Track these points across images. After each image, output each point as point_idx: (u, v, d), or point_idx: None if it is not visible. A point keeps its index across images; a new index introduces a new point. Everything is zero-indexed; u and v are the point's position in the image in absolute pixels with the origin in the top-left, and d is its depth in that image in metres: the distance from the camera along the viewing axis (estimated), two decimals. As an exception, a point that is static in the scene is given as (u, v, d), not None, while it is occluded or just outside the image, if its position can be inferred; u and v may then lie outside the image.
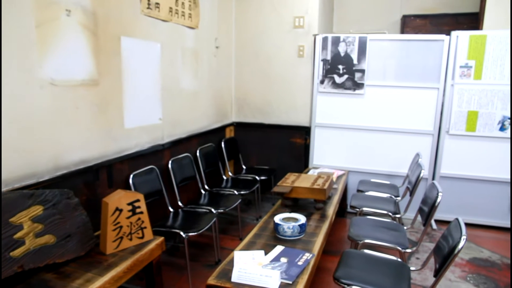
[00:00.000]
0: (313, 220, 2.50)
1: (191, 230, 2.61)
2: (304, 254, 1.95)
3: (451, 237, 1.81)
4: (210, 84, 3.93)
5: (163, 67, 3.07)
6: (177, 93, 3.32)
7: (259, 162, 4.54)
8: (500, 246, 3.46)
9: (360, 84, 3.93)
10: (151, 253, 2.08)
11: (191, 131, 3.60)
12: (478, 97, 3.65)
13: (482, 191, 3.81)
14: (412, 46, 3.78)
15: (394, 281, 1.95)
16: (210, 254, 3.14)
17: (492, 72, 3.58)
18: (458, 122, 3.74)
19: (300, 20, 4.13)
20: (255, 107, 4.48)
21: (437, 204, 2.26)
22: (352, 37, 3.88)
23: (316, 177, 2.93)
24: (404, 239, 2.46)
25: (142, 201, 2.11)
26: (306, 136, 4.29)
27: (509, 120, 3.61)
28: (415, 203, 2.98)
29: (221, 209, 3.03)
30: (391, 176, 3.99)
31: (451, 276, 2.90)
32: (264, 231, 2.29)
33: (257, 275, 1.69)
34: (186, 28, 3.36)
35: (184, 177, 3.29)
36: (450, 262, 1.71)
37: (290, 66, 4.26)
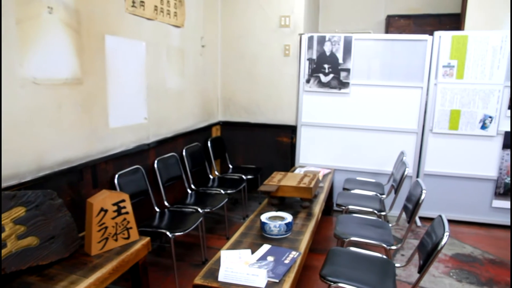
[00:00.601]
0: (299, 218, 2.51)
1: (178, 230, 2.59)
2: (291, 253, 1.96)
3: (434, 234, 1.84)
4: (196, 83, 3.91)
5: (148, 66, 3.04)
6: (162, 92, 3.30)
7: (245, 161, 4.54)
8: (481, 241, 3.54)
9: (346, 83, 3.96)
10: (137, 253, 2.06)
11: (177, 130, 3.58)
12: (460, 96, 3.72)
13: (464, 188, 3.89)
14: (397, 46, 3.83)
15: (380, 278, 1.97)
16: (196, 254, 3.13)
17: (474, 72, 3.66)
18: (441, 121, 3.81)
19: (286, 19, 4.14)
20: (241, 106, 4.48)
21: (421, 202, 2.29)
22: (337, 36, 3.91)
23: (302, 175, 2.94)
24: (389, 236, 2.49)
25: (127, 201, 2.09)
26: (292, 135, 4.31)
27: (490, 119, 3.68)
28: (399, 200, 3.02)
29: (208, 209, 3.02)
30: (377, 174, 4.04)
31: (435, 272, 2.95)
32: (250, 230, 2.29)
33: (243, 274, 1.69)
34: (171, 26, 3.34)
35: (170, 176, 3.27)
36: (433, 258, 1.74)
37: (276, 65, 4.27)
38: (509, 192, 3.77)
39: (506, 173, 3.75)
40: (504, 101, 3.65)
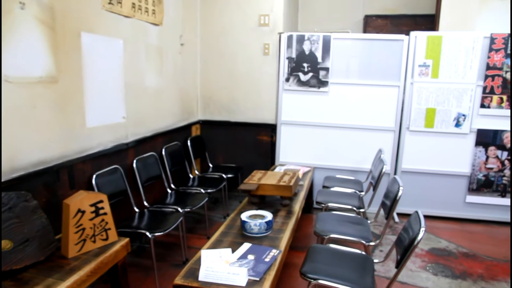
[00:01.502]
0: (279, 216, 2.53)
1: (157, 230, 2.57)
2: (271, 251, 1.97)
3: (411, 229, 1.88)
4: (175, 82, 3.87)
5: (126, 64, 2.99)
6: (141, 91, 3.25)
7: (225, 160, 4.53)
8: (456, 236, 3.64)
9: (325, 82, 4.00)
10: (116, 255, 2.03)
11: (156, 129, 3.54)
12: (435, 95, 3.81)
13: (439, 184, 3.99)
14: (374, 45, 3.89)
15: (359, 274, 2.00)
16: (177, 254, 3.11)
17: (448, 71, 3.75)
18: (417, 119, 3.89)
19: (265, 18, 4.15)
20: (221, 105, 4.46)
21: (398, 198, 2.34)
22: (316, 35, 3.94)
23: (282, 174, 2.96)
24: (368, 233, 2.53)
25: (105, 201, 2.05)
26: (272, 133, 4.32)
27: (463, 117, 3.79)
28: (378, 197, 3.07)
29: (188, 208, 3.00)
30: (356, 171, 4.10)
31: (412, 267, 3.02)
32: (231, 229, 2.29)
33: (224, 273, 1.69)
34: (149, 24, 3.29)
35: (150, 176, 3.23)
36: (410, 253, 1.77)
37: (255, 64, 4.28)
38: (481, 188, 3.89)
39: (478, 169, 3.87)
40: (476, 99, 3.76)
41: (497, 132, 3.77)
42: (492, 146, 3.81)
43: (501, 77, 3.67)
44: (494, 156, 3.83)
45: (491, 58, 3.65)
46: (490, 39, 3.63)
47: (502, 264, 3.12)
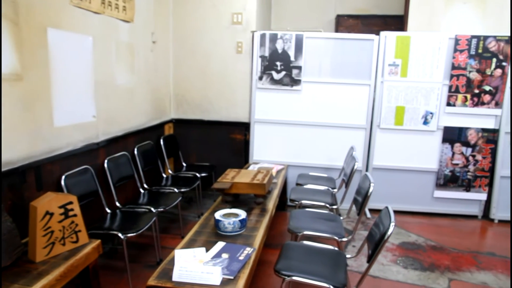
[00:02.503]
0: (253, 214, 2.54)
1: (130, 230, 2.53)
2: (245, 249, 1.97)
3: (382, 224, 1.93)
4: (147, 80, 3.81)
5: (96, 61, 2.92)
6: (112, 89, 3.18)
7: (199, 159, 4.50)
8: (424, 229, 3.76)
9: (297, 81, 4.04)
10: (87, 257, 1.98)
11: (128, 128, 3.48)
12: (404, 94, 3.92)
13: (409, 180, 4.11)
14: (346, 45, 3.96)
15: (332, 269, 2.04)
16: (151, 255, 3.07)
17: (416, 71, 3.87)
18: (387, 117, 3.99)
19: (238, 16, 4.14)
20: (194, 104, 4.43)
21: (370, 194, 2.39)
22: (289, 34, 3.97)
23: (256, 172, 2.97)
24: (341, 229, 2.58)
25: (75, 203, 2.00)
26: (246, 132, 4.33)
27: (431, 115, 3.92)
28: (350, 194, 3.12)
29: (161, 208, 2.97)
30: (328, 169, 4.16)
31: (383, 261, 3.10)
32: (205, 228, 2.28)
33: (198, 273, 1.68)
34: (120, 21, 3.23)
35: (122, 176, 3.17)
36: (381, 247, 1.82)
37: (228, 62, 4.27)
38: (448, 183, 4.03)
39: (445, 165, 4.01)
40: (442, 98, 3.89)
41: (462, 129, 3.92)
42: (458, 142, 3.96)
43: (465, 77, 3.81)
44: (460, 152, 3.98)
45: (456, 59, 3.79)
46: (454, 40, 3.77)
47: (466, 256, 3.25)
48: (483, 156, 3.95)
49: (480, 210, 4.09)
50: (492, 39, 3.72)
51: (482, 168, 3.97)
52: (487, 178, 3.99)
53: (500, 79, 3.78)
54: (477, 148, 3.94)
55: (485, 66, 3.77)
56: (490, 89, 3.81)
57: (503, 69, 3.76)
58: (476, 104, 3.86)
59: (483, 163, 3.96)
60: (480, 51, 3.75)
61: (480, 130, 3.90)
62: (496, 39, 3.72)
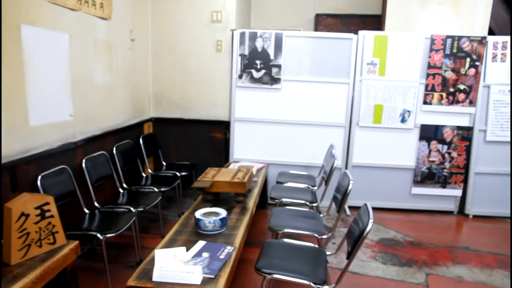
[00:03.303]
0: (234, 213, 2.54)
1: (109, 231, 2.49)
2: (226, 248, 1.97)
3: (361, 221, 1.96)
4: (126, 78, 3.76)
5: (73, 59, 2.86)
6: (89, 88, 3.12)
7: (179, 158, 4.47)
8: (402, 226, 3.85)
9: (277, 79, 4.06)
10: (65, 259, 1.95)
11: (106, 127, 3.42)
12: (382, 92, 3.99)
13: (387, 177, 4.19)
14: (325, 43, 4.00)
15: (312, 266, 2.06)
16: (130, 255, 3.03)
17: (394, 69, 3.94)
18: (366, 115, 4.05)
19: (217, 14, 4.13)
20: (174, 102, 4.39)
21: (349, 192, 2.43)
22: (268, 33, 3.98)
23: (236, 170, 2.97)
24: (321, 226, 2.61)
25: (52, 204, 1.96)
26: (226, 130, 4.32)
27: (408, 113, 4.00)
28: (330, 191, 3.15)
29: (141, 208, 2.94)
30: (308, 167, 4.20)
31: (363, 257, 3.16)
32: (185, 227, 2.27)
33: (178, 272, 1.67)
34: (97, 18, 3.17)
35: (100, 176, 3.12)
36: (360, 244, 1.85)
37: (208, 61, 4.25)
38: (425, 180, 4.13)
39: (422, 163, 4.10)
40: (419, 96, 3.98)
41: (438, 127, 4.02)
42: (434, 140, 4.05)
43: (441, 76, 3.91)
44: (436, 150, 4.08)
45: (432, 58, 3.88)
46: (430, 40, 3.86)
47: (442, 250, 3.34)
48: (458, 153, 4.06)
49: (456, 205, 4.21)
50: (466, 39, 3.83)
51: (457, 165, 4.08)
52: (462, 175, 4.10)
53: (473, 78, 3.90)
54: (452, 145, 4.05)
55: (459, 65, 3.88)
56: (464, 88, 3.92)
57: (477, 69, 3.87)
58: (452, 103, 3.96)
59: (458, 160, 4.07)
60: (455, 50, 3.85)
61: (455, 128, 4.01)
62: (469, 39, 3.83)
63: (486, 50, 3.85)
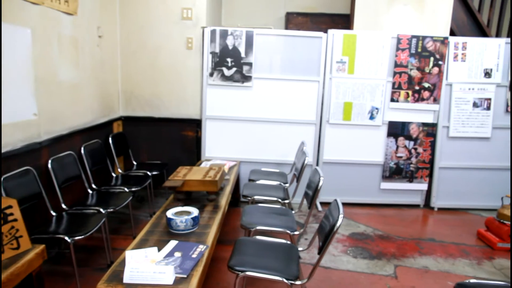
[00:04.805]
0: (206, 212, 2.53)
1: (78, 233, 2.42)
2: (198, 247, 1.97)
3: (331, 217, 2.00)
4: (94, 76, 3.66)
5: (36, 56, 2.76)
6: (55, 86, 3.02)
7: (150, 157, 4.40)
8: (372, 220, 3.95)
9: (248, 77, 4.06)
10: (30, 264, 1.88)
11: (73, 127, 3.32)
12: (351, 90, 4.07)
13: (357, 173, 4.28)
14: (295, 42, 4.04)
15: (285, 263, 2.08)
16: (101, 257, 2.96)
17: (362, 68, 4.03)
18: (336, 112, 4.13)
19: (188, 11, 4.08)
20: (144, 100, 4.32)
21: (319, 188, 2.47)
22: (239, 31, 3.98)
23: (208, 169, 2.96)
24: (293, 223, 2.64)
25: (15, 207, 1.89)
26: (197, 128, 4.30)
27: (376, 110, 4.10)
28: (302, 188, 3.19)
29: (111, 208, 2.88)
30: (280, 164, 4.23)
31: (334, 252, 3.22)
32: (157, 227, 2.24)
33: (150, 273, 1.65)
34: (62, 13, 3.06)
35: (68, 177, 3.03)
36: (330, 239, 1.89)
37: (179, 58, 4.20)
38: (393, 175, 4.25)
39: (390, 158, 4.22)
40: (387, 94, 4.09)
41: (404, 124, 4.15)
42: (401, 136, 4.18)
43: (407, 74, 4.03)
44: (403, 145, 4.20)
45: (398, 57, 4.00)
46: (397, 39, 3.97)
47: (410, 242, 3.46)
48: (424, 149, 4.20)
49: (422, 199, 4.36)
50: (429, 39, 3.96)
51: (423, 160, 4.22)
52: (427, 169, 4.25)
53: (437, 77, 4.04)
54: (418, 141, 4.19)
55: (424, 64, 4.01)
56: (429, 86, 4.06)
57: (440, 68, 4.02)
58: (417, 100, 4.09)
59: (424, 155, 4.22)
60: (420, 50, 3.98)
61: (421, 124, 4.15)
62: (433, 39, 3.96)
63: (448, 50, 4.01)
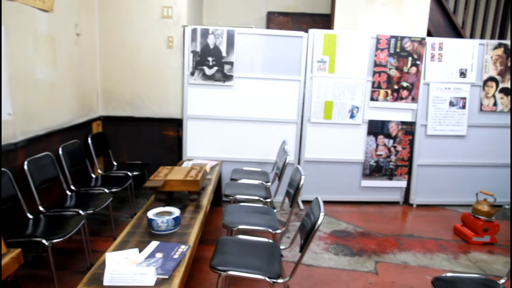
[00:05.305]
0: (188, 212, 2.52)
1: (56, 236, 2.37)
2: (180, 247, 1.95)
3: (312, 215, 2.02)
4: (71, 75, 3.59)
5: (10, 54, 2.68)
6: (30, 84, 2.95)
7: (131, 157, 4.34)
8: (353, 217, 4.00)
9: (230, 76, 4.06)
10: (5, 269, 1.83)
11: (51, 127, 3.25)
12: (332, 89, 4.12)
13: (338, 171, 4.33)
14: (277, 41, 4.05)
15: (267, 261, 2.09)
16: (80, 260, 2.91)
17: (343, 67, 4.08)
18: (317, 111, 4.16)
19: (168, 10, 4.05)
20: (124, 100, 4.26)
21: (301, 186, 2.49)
22: (220, 29, 3.97)
23: (190, 169, 2.94)
24: (275, 221, 2.65)
25: (-10, 210, 1.84)
26: (179, 128, 4.26)
27: (356, 109, 4.16)
28: (283, 187, 3.21)
29: (91, 210, 2.83)
30: (262, 163, 4.24)
31: (316, 249, 3.25)
32: (138, 228, 2.22)
33: (131, 275, 1.63)
34: (37, 10, 2.99)
35: (45, 178, 2.96)
36: (312, 236, 1.90)
37: (159, 57, 4.16)
38: (373, 173, 4.32)
39: (370, 156, 4.29)
40: (367, 93, 4.15)
41: (384, 122, 4.22)
42: (381, 135, 4.25)
43: (386, 74, 4.10)
44: (383, 144, 4.27)
45: (378, 56, 4.06)
46: (376, 39, 4.03)
47: (390, 239, 3.52)
48: (403, 147, 4.28)
49: (401, 196, 4.44)
50: (407, 39, 4.04)
51: (402, 158, 4.31)
52: (406, 167, 4.34)
53: (415, 76, 4.13)
54: (397, 139, 4.27)
55: (402, 64, 4.09)
56: (407, 85, 4.14)
57: (418, 67, 4.10)
58: (396, 99, 4.17)
59: (403, 153, 4.30)
60: (398, 50, 4.05)
61: (400, 123, 4.23)
62: (411, 40, 4.04)
63: (425, 50, 4.09)
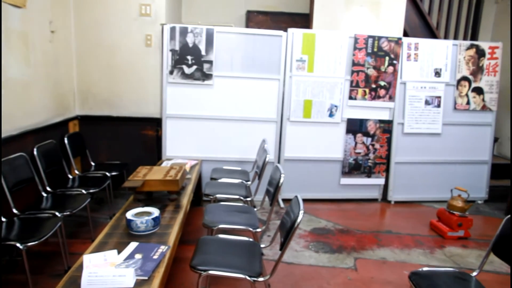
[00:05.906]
0: (167, 212, 2.49)
1: (31, 239, 2.31)
2: (159, 247, 1.94)
3: (292, 213, 2.03)
4: (46, 73, 3.50)
5: (-18, 53, 2.60)
6: (2, 84, 2.86)
7: (109, 157, 4.27)
8: (333, 215, 4.05)
9: (209, 75, 4.04)
10: (-22, 272, 1.77)
11: (24, 127, 3.16)
12: (311, 88, 4.15)
13: (318, 169, 4.37)
14: (256, 40, 4.06)
15: (248, 260, 2.09)
16: (57, 263, 2.84)
17: (321, 66, 4.12)
18: (296, 110, 4.19)
19: (146, 8, 4.00)
20: (102, 99, 4.18)
21: (281, 185, 2.51)
22: (199, 28, 3.94)
23: (169, 168, 2.92)
24: (255, 220, 2.66)
25: (-39, 213, 1.77)
26: (158, 127, 4.22)
27: (335, 108, 4.21)
28: (263, 185, 3.22)
29: (68, 211, 2.77)
30: (242, 162, 4.24)
31: (296, 247, 3.28)
32: (116, 229, 2.18)
33: (109, 277, 1.61)
34: (8, 5, 2.90)
35: (19, 180, 2.88)
36: (291, 234, 1.92)
37: (138, 56, 4.10)
38: (352, 170, 4.38)
39: (349, 154, 4.35)
40: (345, 92, 4.20)
41: (362, 121, 4.29)
42: (359, 133, 4.31)
43: (364, 73, 4.17)
44: (361, 142, 4.34)
45: (356, 56, 4.12)
46: (354, 39, 4.09)
47: (368, 235, 3.58)
48: (381, 145, 4.36)
49: (380, 193, 4.53)
50: (384, 39, 4.12)
51: (380, 156, 4.38)
52: (384, 165, 4.42)
53: (392, 76, 4.21)
54: (375, 137, 4.34)
55: (380, 63, 4.16)
56: (384, 84, 4.21)
57: (394, 67, 4.19)
58: (374, 98, 4.24)
59: (381, 151, 4.37)
60: (376, 49, 4.12)
61: (378, 121, 4.30)
62: (388, 40, 4.12)
63: (402, 50, 4.18)
